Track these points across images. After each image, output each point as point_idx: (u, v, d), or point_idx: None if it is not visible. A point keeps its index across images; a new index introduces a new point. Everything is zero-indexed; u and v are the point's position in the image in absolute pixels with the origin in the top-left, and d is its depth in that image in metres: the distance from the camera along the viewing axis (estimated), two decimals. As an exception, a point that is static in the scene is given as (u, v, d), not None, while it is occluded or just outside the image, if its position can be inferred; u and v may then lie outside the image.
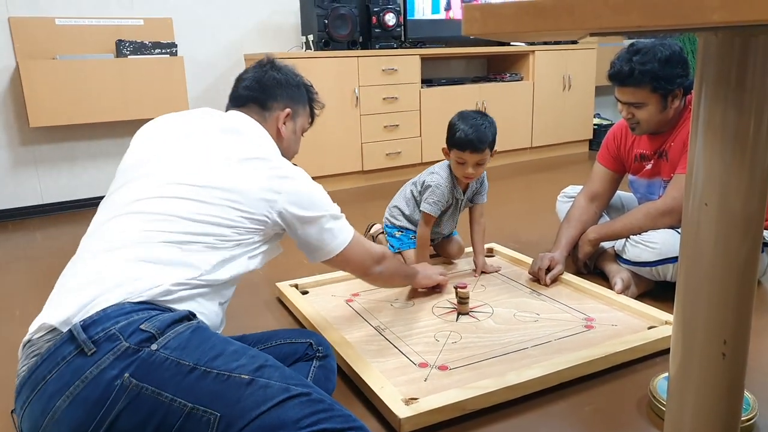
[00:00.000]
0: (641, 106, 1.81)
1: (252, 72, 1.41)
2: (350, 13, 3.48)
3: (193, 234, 1.12)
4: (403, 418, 1.19)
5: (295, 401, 0.97)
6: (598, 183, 2.10)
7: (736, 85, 0.75)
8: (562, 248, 2.00)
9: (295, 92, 1.43)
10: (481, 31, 0.69)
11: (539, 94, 4.28)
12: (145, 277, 1.05)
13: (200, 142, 1.23)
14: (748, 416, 1.19)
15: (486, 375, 1.37)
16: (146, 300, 1.03)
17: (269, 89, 1.38)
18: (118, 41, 3.12)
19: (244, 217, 1.16)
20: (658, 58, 1.73)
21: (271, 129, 1.36)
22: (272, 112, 1.38)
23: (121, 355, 0.95)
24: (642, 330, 1.57)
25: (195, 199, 1.14)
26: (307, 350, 1.34)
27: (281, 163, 1.25)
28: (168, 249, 1.09)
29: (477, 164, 1.91)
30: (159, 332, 0.98)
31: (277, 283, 1.96)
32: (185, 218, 1.12)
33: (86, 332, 0.96)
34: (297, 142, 1.47)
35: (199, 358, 0.98)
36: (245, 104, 1.38)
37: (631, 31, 0.61)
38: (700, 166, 0.80)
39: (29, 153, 3.17)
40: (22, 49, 3.00)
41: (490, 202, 2.45)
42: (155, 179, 1.17)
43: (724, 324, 0.83)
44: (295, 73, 1.46)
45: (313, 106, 1.51)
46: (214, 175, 1.17)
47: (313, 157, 3.48)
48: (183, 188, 1.15)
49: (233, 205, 1.15)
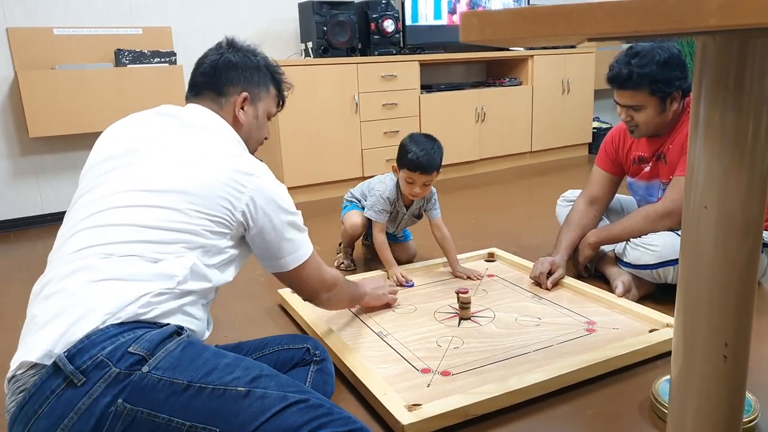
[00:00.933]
0: (640, 109, 1.81)
1: (210, 56, 1.33)
2: (349, 19, 3.49)
3: (158, 243, 1.06)
4: (407, 424, 1.19)
5: (294, 408, 0.96)
6: (597, 187, 2.10)
7: (735, 87, 0.75)
8: (562, 252, 2.00)
9: (254, 74, 1.33)
10: (479, 37, 0.69)
11: (538, 99, 4.29)
12: (118, 296, 1.00)
13: (158, 144, 1.17)
14: (749, 418, 1.19)
15: (488, 380, 1.37)
16: (128, 320, 0.99)
17: (224, 73, 1.30)
18: (117, 50, 3.13)
19: (208, 220, 1.10)
20: (657, 61, 1.74)
21: (228, 116, 1.29)
22: (229, 98, 1.29)
23: (113, 381, 0.92)
24: (643, 333, 1.57)
25: (155, 206, 1.08)
26: (304, 355, 1.34)
27: (243, 159, 1.18)
28: (135, 262, 1.03)
29: (424, 184, 2.03)
30: (149, 353, 0.95)
31: (278, 290, 1.96)
32: (147, 227, 1.06)
33: (72, 363, 0.92)
34: (261, 128, 1.37)
35: (192, 376, 0.96)
36: (201, 92, 1.31)
37: (629, 35, 0.61)
38: (699, 169, 0.80)
39: (29, 163, 3.17)
40: (21, 59, 3.00)
41: (490, 206, 2.47)
42: (113, 187, 1.12)
43: (726, 327, 0.83)
44: (254, 53, 1.36)
45: (281, 88, 1.41)
46: (172, 177, 1.11)
47: (314, 164, 3.49)
48: (142, 195, 1.09)
49: (195, 208, 1.09)
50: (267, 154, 3.59)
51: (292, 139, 3.40)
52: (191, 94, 1.32)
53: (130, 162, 1.15)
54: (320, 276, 1.35)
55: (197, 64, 1.34)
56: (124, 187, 1.11)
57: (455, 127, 3.93)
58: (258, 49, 1.39)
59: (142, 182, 1.11)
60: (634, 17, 0.58)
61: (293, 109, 3.36)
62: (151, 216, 1.07)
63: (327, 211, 3.28)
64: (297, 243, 1.26)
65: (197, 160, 1.14)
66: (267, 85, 1.36)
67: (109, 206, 1.09)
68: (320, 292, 1.37)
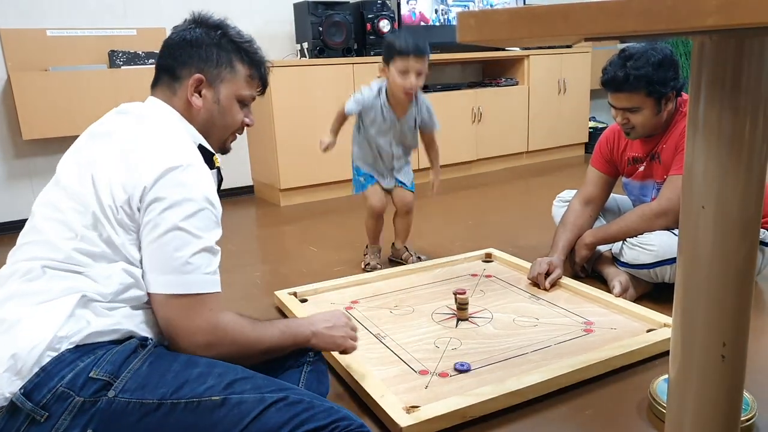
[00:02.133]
0: (636, 111, 1.81)
1: (170, 36, 1.19)
2: (345, 20, 3.49)
3: (83, 252, 0.98)
4: (405, 426, 1.18)
5: (273, 409, 0.93)
6: (592, 187, 2.11)
7: (732, 87, 0.75)
8: (559, 252, 2.00)
9: (212, 52, 1.16)
10: (476, 38, 0.68)
11: (535, 99, 4.29)
12: (58, 317, 0.92)
13: (96, 146, 1.09)
14: (747, 416, 1.19)
15: (486, 381, 1.36)
16: (83, 342, 0.93)
17: (178, 54, 1.15)
18: (110, 52, 3.12)
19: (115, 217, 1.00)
20: (652, 62, 1.74)
21: (180, 103, 1.15)
22: (182, 82, 1.15)
23: (78, 411, 0.87)
24: (641, 333, 1.57)
25: (72, 209, 1.01)
26: (297, 356, 1.33)
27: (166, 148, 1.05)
28: (68, 277, 0.96)
29: (418, 73, 1.99)
30: (113, 376, 0.90)
31: (275, 291, 1.95)
32: (69, 237, 0.99)
33: (30, 399, 0.86)
34: (226, 114, 1.19)
35: (163, 393, 0.91)
36: (158, 78, 1.18)
37: (627, 35, 0.61)
38: (696, 168, 0.80)
39: (23, 166, 3.16)
40: (14, 61, 2.99)
41: (486, 207, 2.46)
42: (48, 197, 1.06)
43: (724, 326, 0.83)
44: (218, 26, 1.19)
45: (256, 66, 1.22)
46: (86, 179, 1.03)
47: (310, 165, 3.48)
48: (65, 202, 1.02)
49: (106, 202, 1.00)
50: (262, 155, 3.58)
51: (288, 141, 3.39)
52: (153, 81, 1.20)
53: (68, 165, 1.10)
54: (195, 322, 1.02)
55: (161, 47, 1.19)
56: (54, 196, 1.05)
57: (452, 128, 3.93)
58: (226, 22, 1.22)
59: (67, 186, 1.04)
60: (632, 17, 0.57)
61: (289, 110, 3.35)
62: (72, 224, 1.00)
63: (323, 213, 3.27)
64: (206, 265, 1.03)
65: (114, 155, 1.04)
66: (231, 63, 1.18)
67: (42, 217, 1.04)
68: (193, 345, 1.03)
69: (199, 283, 1.02)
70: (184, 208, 1.01)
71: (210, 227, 1.04)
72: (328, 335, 1.25)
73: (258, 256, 2.59)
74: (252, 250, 2.69)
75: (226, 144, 1.25)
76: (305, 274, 2.22)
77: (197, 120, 1.17)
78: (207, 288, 1.03)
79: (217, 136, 1.21)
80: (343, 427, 0.96)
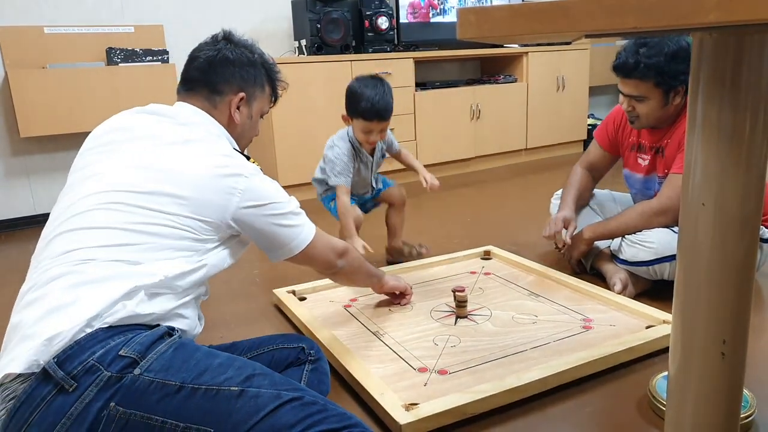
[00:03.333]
0: (643, 100, 1.80)
1: (205, 49, 1.28)
2: (342, 17, 3.48)
3: (142, 246, 1.04)
4: (404, 424, 1.18)
5: (288, 407, 0.95)
6: (593, 157, 2.16)
7: (732, 84, 0.75)
8: (570, 207, 2.05)
9: (250, 72, 1.29)
10: (476, 34, 0.68)
11: (533, 96, 4.29)
12: (102, 299, 0.98)
13: (144, 144, 1.15)
14: (746, 413, 1.19)
15: (486, 378, 1.36)
16: (116, 323, 0.97)
17: (220, 70, 1.26)
18: (108, 49, 3.11)
19: (197, 223, 1.09)
20: (665, 52, 1.71)
21: (222, 115, 1.26)
22: (224, 97, 1.26)
23: (104, 385, 0.91)
24: (640, 330, 1.57)
25: (141, 207, 1.06)
26: (299, 355, 1.33)
27: (233, 160, 1.15)
28: (117, 266, 1.02)
29: (381, 131, 1.99)
30: (140, 356, 0.94)
31: (274, 290, 1.95)
32: (131, 230, 1.04)
33: (63, 368, 0.91)
34: (254, 128, 1.36)
35: (185, 377, 0.95)
36: (194, 88, 1.26)
37: (627, 32, 0.60)
38: (696, 166, 0.80)
39: (21, 163, 3.15)
40: (11, 58, 2.98)
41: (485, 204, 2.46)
42: (95, 188, 1.09)
43: (723, 323, 0.83)
44: (251, 49, 1.32)
45: (276, 87, 1.38)
46: (159, 178, 1.09)
47: (308, 162, 3.47)
48: (126, 196, 1.07)
49: (182, 212, 1.08)
50: (261, 152, 3.58)
51: (286, 138, 3.39)
52: (183, 89, 1.28)
53: (113, 161, 1.13)
54: (330, 245, 1.34)
55: (191, 57, 1.29)
56: (106, 187, 1.08)
57: (450, 125, 3.93)
58: (256, 44, 1.35)
59: (126, 182, 1.09)
60: (632, 13, 0.57)
61: (287, 107, 3.34)
62: (135, 218, 1.05)
63: (321, 210, 3.27)
64: (298, 228, 1.23)
65: (185, 161, 1.12)
66: (262, 83, 1.33)
67: (90, 207, 1.06)
68: (335, 261, 1.36)
69: (305, 238, 1.25)
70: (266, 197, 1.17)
71: (284, 193, 1.23)
72: (394, 276, 1.77)
73: (256, 254, 2.57)
74: (250, 248, 2.67)
75: (243, 152, 1.34)
76: (304, 271, 2.21)
77: (233, 132, 1.28)
78: (309, 236, 1.26)
79: (242, 146, 1.33)
80: None
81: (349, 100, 1.98)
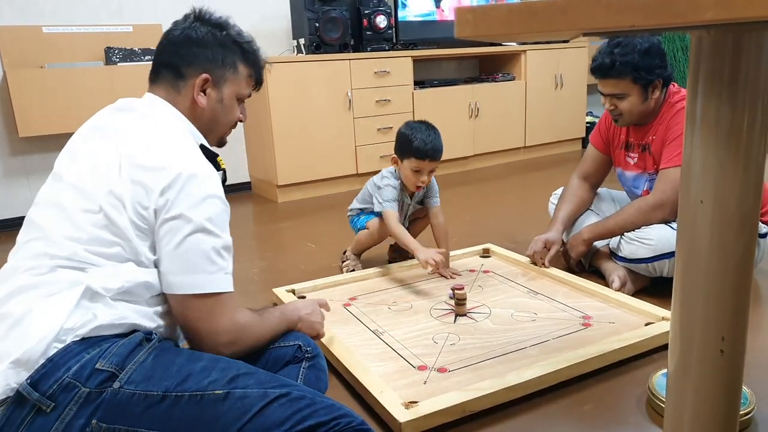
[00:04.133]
0: (623, 97, 1.86)
1: (173, 30, 1.18)
2: (341, 16, 3.48)
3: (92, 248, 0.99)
4: (404, 421, 1.18)
5: (276, 404, 0.94)
6: (590, 164, 2.16)
7: (730, 81, 0.75)
8: (557, 226, 2.05)
9: (218, 52, 1.17)
10: (474, 33, 0.68)
11: (532, 94, 4.29)
12: (65, 311, 0.93)
13: (97, 144, 1.09)
14: (745, 410, 1.20)
15: (485, 376, 1.37)
16: (88, 335, 0.93)
17: (183, 52, 1.15)
18: (107, 48, 3.10)
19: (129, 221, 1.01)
20: (638, 49, 1.79)
21: (185, 100, 1.16)
22: (187, 81, 1.15)
23: (84, 401, 0.88)
24: (639, 327, 1.58)
25: (86, 210, 1.01)
26: (295, 353, 1.32)
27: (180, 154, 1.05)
28: (72, 274, 0.96)
29: (430, 172, 2.01)
30: (118, 368, 0.91)
31: (273, 288, 1.95)
32: (73, 239, 0.99)
33: (37, 389, 0.87)
34: (229, 112, 1.22)
35: (167, 385, 0.92)
36: (159, 74, 1.17)
37: (625, 30, 0.60)
38: (695, 163, 0.80)
39: (19, 163, 3.15)
40: (10, 58, 2.98)
41: (484, 202, 2.46)
42: (51, 194, 1.06)
43: (722, 320, 0.83)
44: (222, 26, 1.20)
45: (257, 67, 1.25)
46: (97, 177, 1.03)
47: (307, 161, 3.48)
48: (75, 201, 1.02)
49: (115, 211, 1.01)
50: (259, 151, 3.58)
51: (285, 137, 3.39)
52: (151, 76, 1.19)
53: (71, 166, 1.09)
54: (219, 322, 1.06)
55: (160, 40, 1.18)
56: (59, 194, 1.05)
57: (449, 123, 3.92)
58: (230, 21, 1.23)
59: (75, 186, 1.04)
60: (630, 12, 0.57)
61: (286, 106, 3.35)
62: (82, 222, 1.00)
63: (321, 209, 3.27)
64: (222, 264, 1.07)
65: (121, 157, 1.04)
66: (235, 64, 1.20)
67: (44, 215, 1.04)
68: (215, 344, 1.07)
69: (223, 283, 1.06)
70: (203, 211, 1.03)
71: (226, 227, 1.09)
72: (309, 321, 1.33)
73: (255, 253, 2.59)
74: (249, 247, 2.68)
75: (223, 139, 1.28)
76: (303, 270, 2.22)
77: (201, 118, 1.18)
78: (228, 287, 1.07)
79: (217, 133, 1.24)
80: (345, 424, 0.96)
81: (401, 141, 2.01)
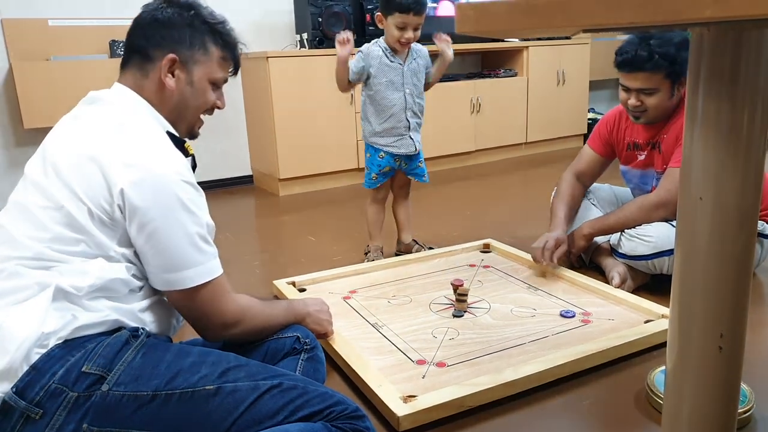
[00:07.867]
0: (653, 93, 1.78)
1: (141, 14, 1.16)
2: (344, 11, 3.47)
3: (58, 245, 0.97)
4: (402, 415, 1.19)
5: (267, 396, 0.94)
6: (585, 165, 2.14)
7: (730, 79, 0.75)
8: (562, 226, 2.02)
9: (185, 33, 1.13)
10: (474, 29, 0.68)
11: (533, 90, 4.28)
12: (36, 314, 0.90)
13: (59, 139, 1.08)
14: (744, 408, 1.20)
15: (484, 371, 1.37)
16: (71, 336, 0.91)
17: (150, 33, 1.12)
18: (111, 41, 3.11)
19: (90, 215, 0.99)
20: (675, 42, 1.71)
21: (152, 84, 1.12)
22: (155, 63, 1.12)
23: (73, 406, 0.87)
24: (639, 324, 1.58)
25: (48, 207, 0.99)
26: (294, 344, 1.31)
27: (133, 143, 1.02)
28: (45, 274, 0.94)
29: (415, 28, 1.99)
30: (106, 370, 0.90)
31: (274, 281, 1.96)
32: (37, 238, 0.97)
33: (24, 397, 0.86)
34: (200, 95, 1.17)
35: (157, 384, 0.91)
36: (128, 59, 1.14)
37: (625, 27, 0.61)
38: (694, 160, 0.80)
39: (24, 154, 3.16)
40: (16, 50, 2.99)
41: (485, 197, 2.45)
42: (17, 195, 1.06)
43: (721, 317, 0.83)
44: (190, 6, 1.16)
45: (232, 49, 1.20)
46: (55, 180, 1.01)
47: (309, 155, 3.48)
48: (37, 198, 1.00)
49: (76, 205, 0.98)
50: (261, 145, 3.58)
51: (287, 131, 3.38)
52: (121, 64, 1.16)
53: (36, 165, 1.08)
54: (224, 304, 1.08)
55: (129, 26, 1.16)
56: (22, 194, 1.05)
57: (450, 119, 3.92)
58: (198, 1, 1.19)
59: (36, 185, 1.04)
60: (630, 8, 0.57)
61: (288, 100, 3.35)
62: (44, 220, 0.98)
63: (322, 203, 3.27)
64: (205, 254, 1.04)
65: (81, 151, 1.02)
66: (205, 44, 1.16)
67: (7, 217, 1.03)
68: (224, 325, 1.11)
69: (216, 267, 1.06)
70: (176, 200, 1.01)
71: (205, 208, 1.07)
72: (318, 318, 1.39)
73: (257, 246, 2.60)
74: (251, 240, 2.69)
75: (195, 129, 1.23)
76: (304, 263, 2.23)
77: (169, 102, 1.14)
78: (221, 269, 1.07)
79: (187, 119, 1.19)
80: (339, 411, 0.96)
81: None
